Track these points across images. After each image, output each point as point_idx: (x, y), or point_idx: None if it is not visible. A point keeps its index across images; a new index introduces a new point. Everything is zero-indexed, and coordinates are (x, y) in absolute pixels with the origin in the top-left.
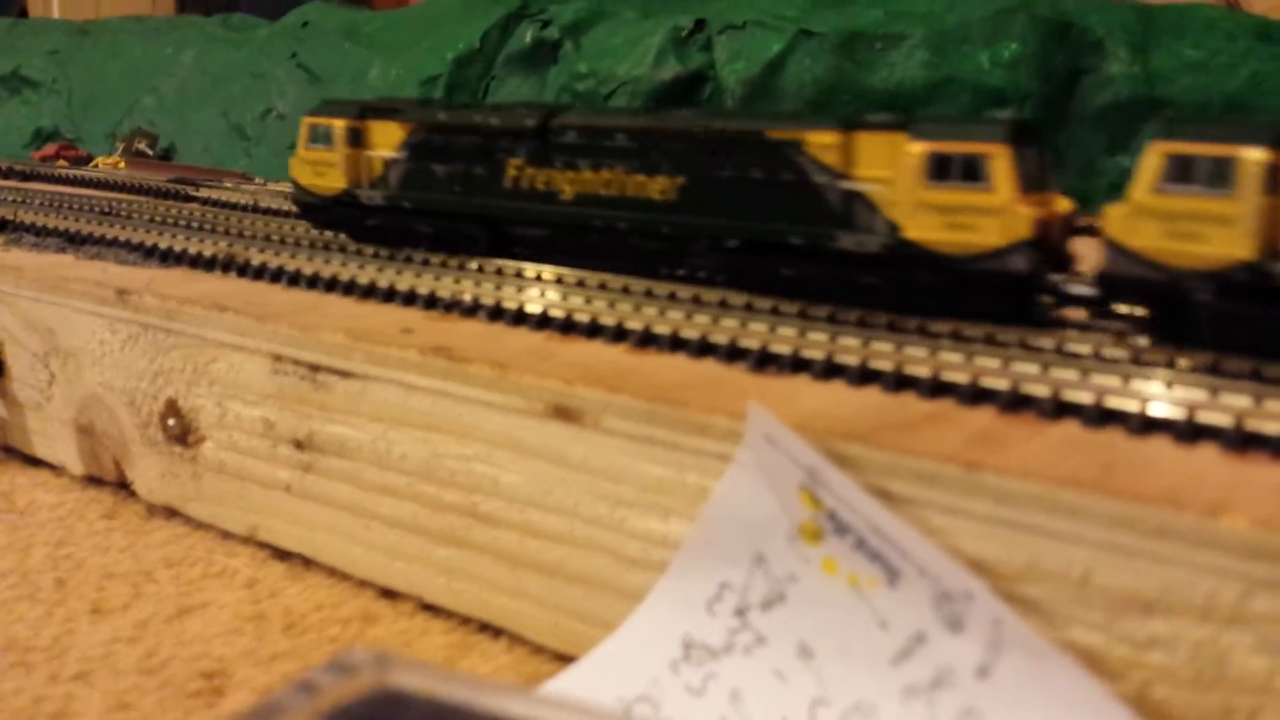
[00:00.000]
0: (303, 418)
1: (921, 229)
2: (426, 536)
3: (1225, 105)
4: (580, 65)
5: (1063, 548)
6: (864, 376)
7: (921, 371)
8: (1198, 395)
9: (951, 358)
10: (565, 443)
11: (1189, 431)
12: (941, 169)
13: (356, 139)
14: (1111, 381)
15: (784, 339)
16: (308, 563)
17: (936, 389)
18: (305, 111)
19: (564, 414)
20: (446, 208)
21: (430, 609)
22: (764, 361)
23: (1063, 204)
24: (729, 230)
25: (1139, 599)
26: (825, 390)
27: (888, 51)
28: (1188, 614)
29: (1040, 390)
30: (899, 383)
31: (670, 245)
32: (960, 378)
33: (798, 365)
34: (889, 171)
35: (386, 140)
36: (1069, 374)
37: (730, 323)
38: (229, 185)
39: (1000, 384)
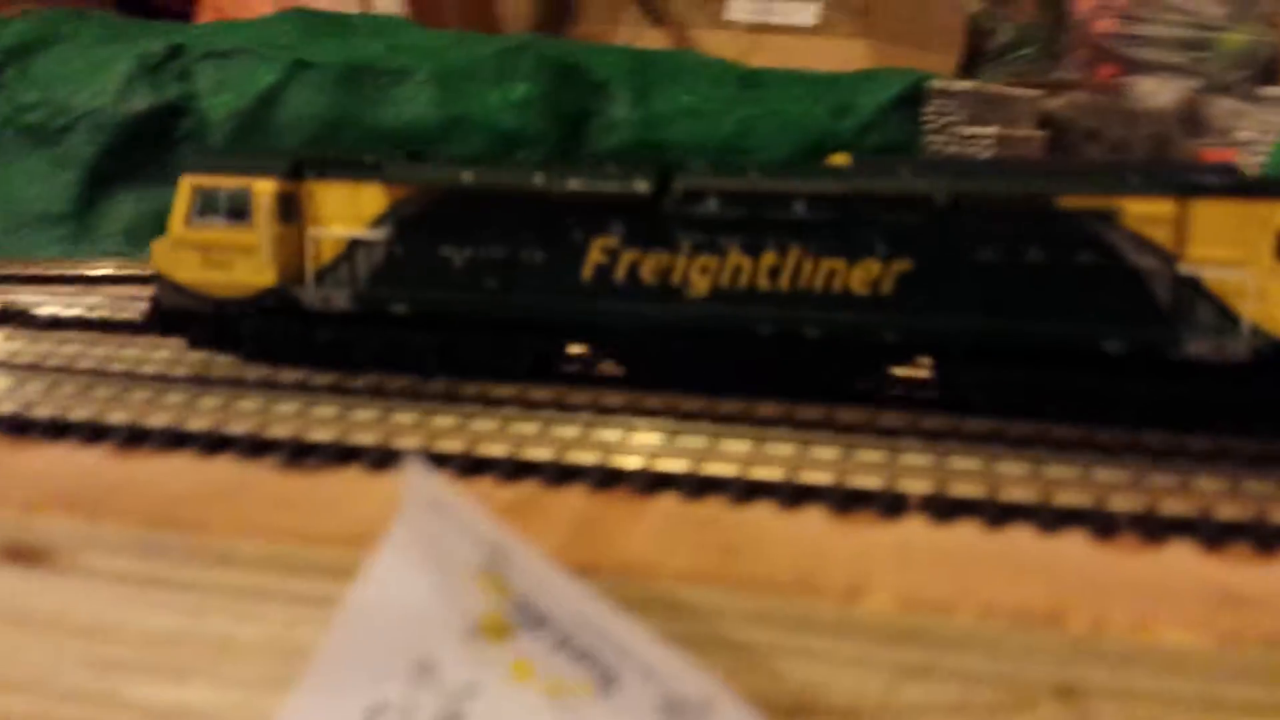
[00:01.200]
0: None
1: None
2: None
3: (720, 148)
4: (28, 94)
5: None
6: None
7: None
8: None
9: (525, 428)
10: (28, 593)
11: (792, 495)
12: None
13: (291, 210)
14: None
15: (323, 421)
16: None
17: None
18: (184, 166)
19: (23, 555)
20: (473, 312)
21: None
22: (298, 454)
23: None
24: (995, 334)
25: (778, 704)
26: (379, 484)
27: (393, 88)
28: (831, 716)
29: (630, 462)
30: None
31: (877, 357)
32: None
33: (346, 455)
34: (1241, 251)
35: (350, 211)
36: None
37: (250, 404)
38: None
39: (587, 458)
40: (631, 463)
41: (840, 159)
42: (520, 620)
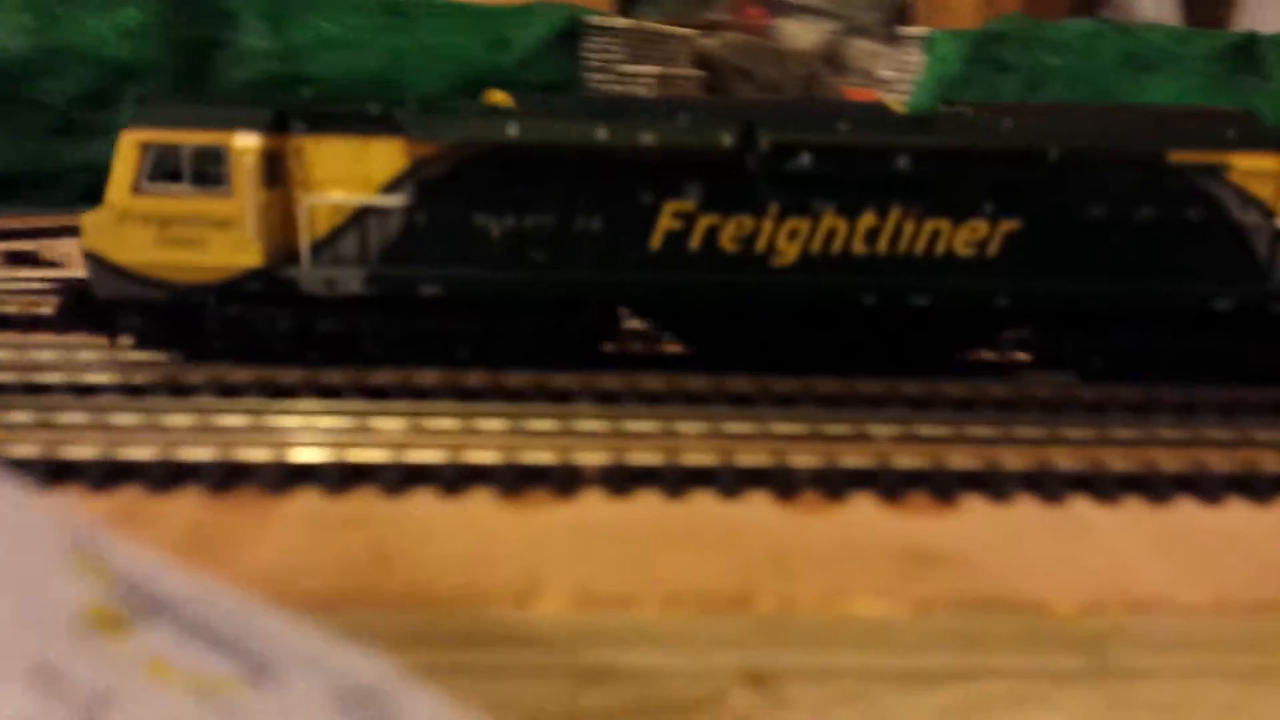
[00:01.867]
0: None
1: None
2: None
3: (370, 82)
4: None
5: None
6: None
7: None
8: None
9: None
10: None
11: (454, 478)
12: None
13: (277, 172)
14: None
15: None
16: None
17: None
18: (129, 118)
19: None
20: (517, 291)
21: None
22: None
23: None
24: (1107, 295)
25: None
26: None
27: None
28: None
29: (258, 455)
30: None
31: (987, 324)
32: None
33: None
34: None
35: (355, 172)
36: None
37: None
38: None
39: (201, 454)
40: (258, 455)
41: (499, 96)
42: (134, 608)
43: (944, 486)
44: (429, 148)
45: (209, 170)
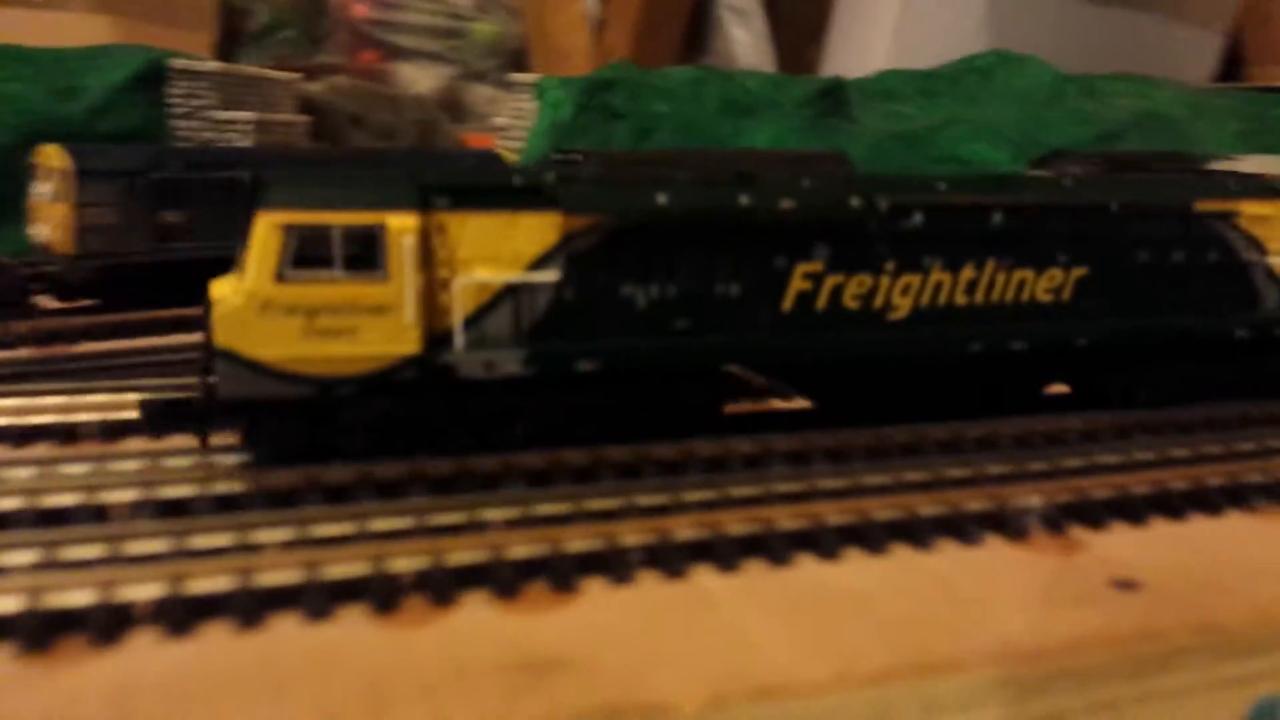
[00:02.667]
0: None
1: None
2: None
3: None
4: None
5: None
6: None
7: None
8: None
9: None
10: None
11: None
12: None
13: (429, 252)
14: None
15: None
16: None
17: None
18: (257, 200)
19: None
20: (661, 360)
21: None
22: None
23: None
24: (1152, 334)
25: None
26: None
27: None
28: None
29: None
30: None
31: (1070, 364)
32: None
33: None
34: None
35: (502, 249)
36: None
37: None
38: None
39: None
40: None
41: (52, 153)
42: None
43: (562, 574)
44: (583, 220)
45: (361, 253)
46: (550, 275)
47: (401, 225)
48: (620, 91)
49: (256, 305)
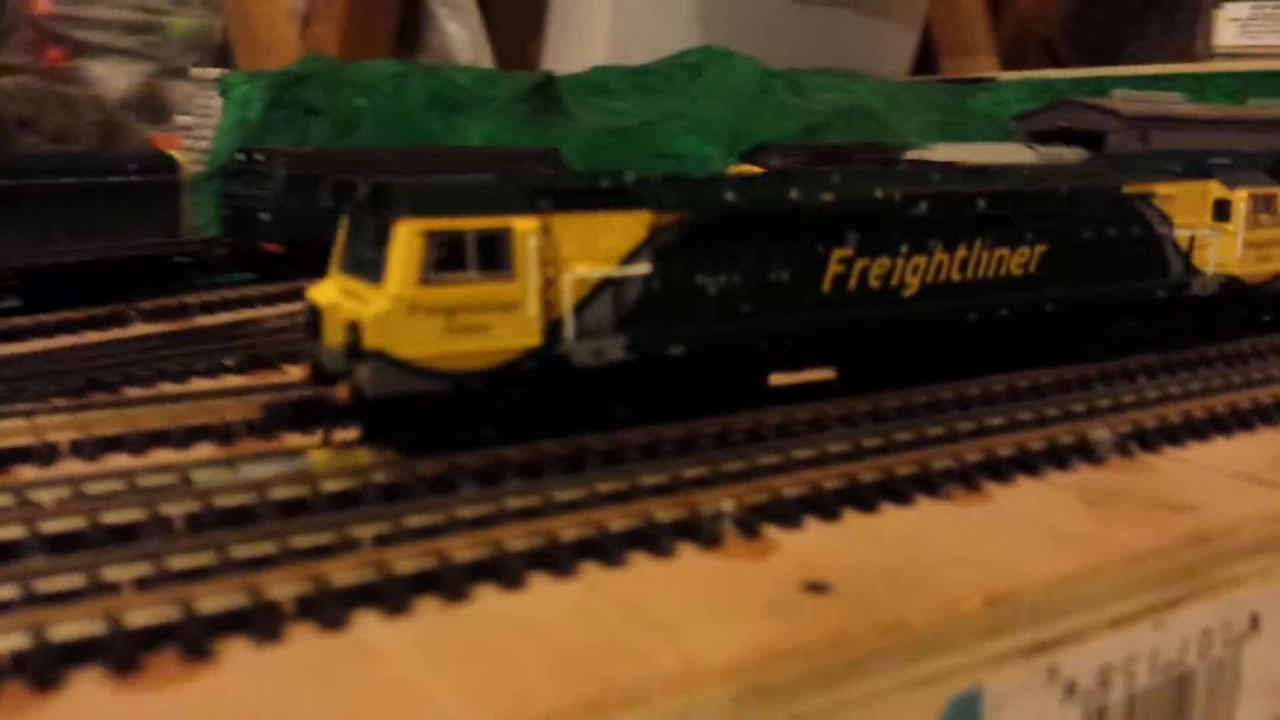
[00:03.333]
0: None
1: (1240, 265)
2: None
3: None
4: None
5: None
6: None
7: None
8: None
9: None
10: None
11: None
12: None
13: (549, 249)
14: None
15: None
16: None
17: None
18: (401, 206)
19: None
20: (731, 342)
21: None
22: None
23: None
24: (1098, 298)
25: None
26: None
27: None
28: None
29: None
30: None
31: (1049, 327)
32: None
33: None
34: (1198, 218)
35: (600, 246)
36: None
37: None
38: None
39: None
40: None
41: None
42: None
43: (195, 638)
44: (667, 217)
45: (493, 254)
46: (641, 268)
47: (525, 227)
48: (315, 87)
49: (404, 308)
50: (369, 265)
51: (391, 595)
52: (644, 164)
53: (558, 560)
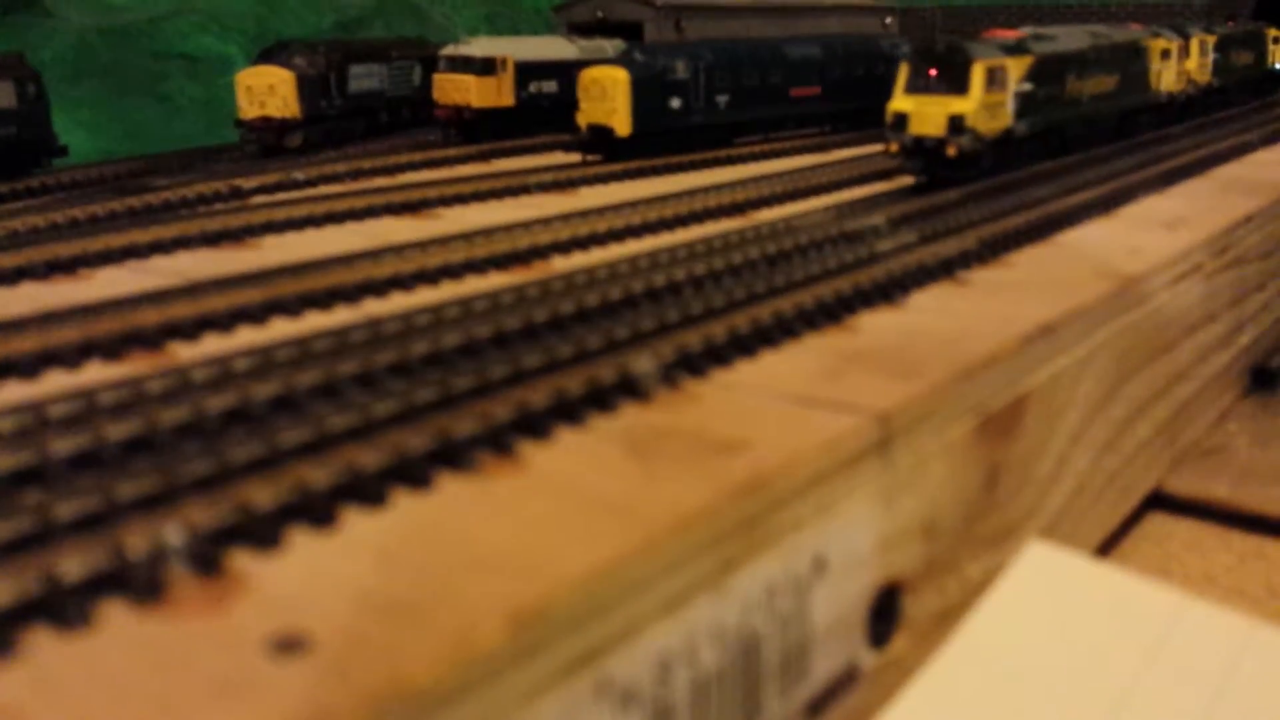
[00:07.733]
0: None
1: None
2: None
3: None
4: None
5: None
6: None
7: None
8: None
9: None
10: None
11: None
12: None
13: (1011, 77)
14: None
15: None
16: None
17: None
18: (975, 54)
19: None
20: (1062, 126)
21: None
22: None
23: None
24: (1139, 103)
25: None
26: None
27: None
28: None
29: None
30: None
31: (1118, 120)
32: None
33: None
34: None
35: (1013, 75)
36: None
37: None
38: None
39: None
40: None
41: None
42: None
43: None
44: (1033, 59)
45: (995, 79)
46: (1028, 86)
47: (1011, 65)
48: None
49: (980, 105)
50: (942, 86)
51: None
52: (151, 68)
53: None
